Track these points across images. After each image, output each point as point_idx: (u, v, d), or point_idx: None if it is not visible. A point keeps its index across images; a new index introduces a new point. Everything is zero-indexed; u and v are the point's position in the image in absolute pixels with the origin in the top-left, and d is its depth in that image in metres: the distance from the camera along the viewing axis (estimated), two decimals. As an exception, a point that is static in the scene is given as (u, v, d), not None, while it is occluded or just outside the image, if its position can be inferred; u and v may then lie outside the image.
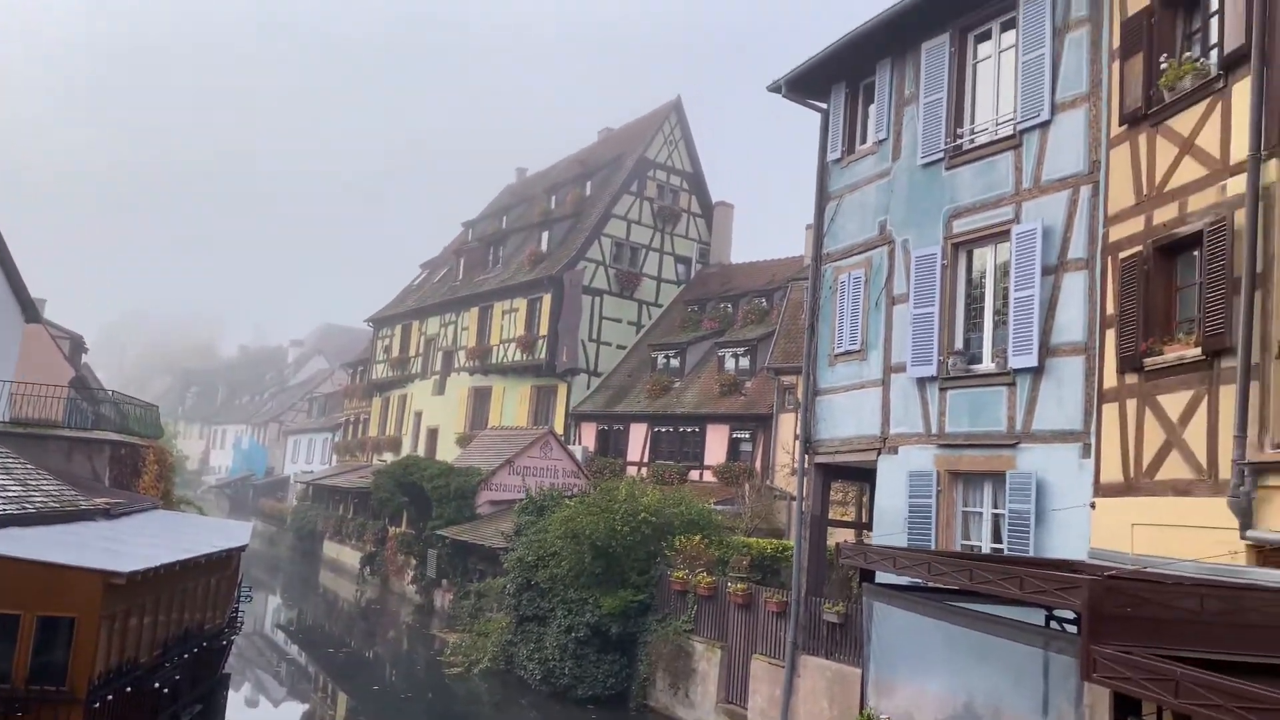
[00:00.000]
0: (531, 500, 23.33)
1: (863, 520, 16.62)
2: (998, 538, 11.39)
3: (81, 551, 11.23)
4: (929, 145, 13.08)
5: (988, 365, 11.83)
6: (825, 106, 15.51)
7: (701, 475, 27.96)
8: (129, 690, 11.05)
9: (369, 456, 45.97)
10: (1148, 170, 9.70)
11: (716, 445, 28.12)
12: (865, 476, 14.86)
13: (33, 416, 20.34)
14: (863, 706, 9.07)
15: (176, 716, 13.04)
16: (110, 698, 10.54)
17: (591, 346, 34.93)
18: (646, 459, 30.20)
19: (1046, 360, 10.94)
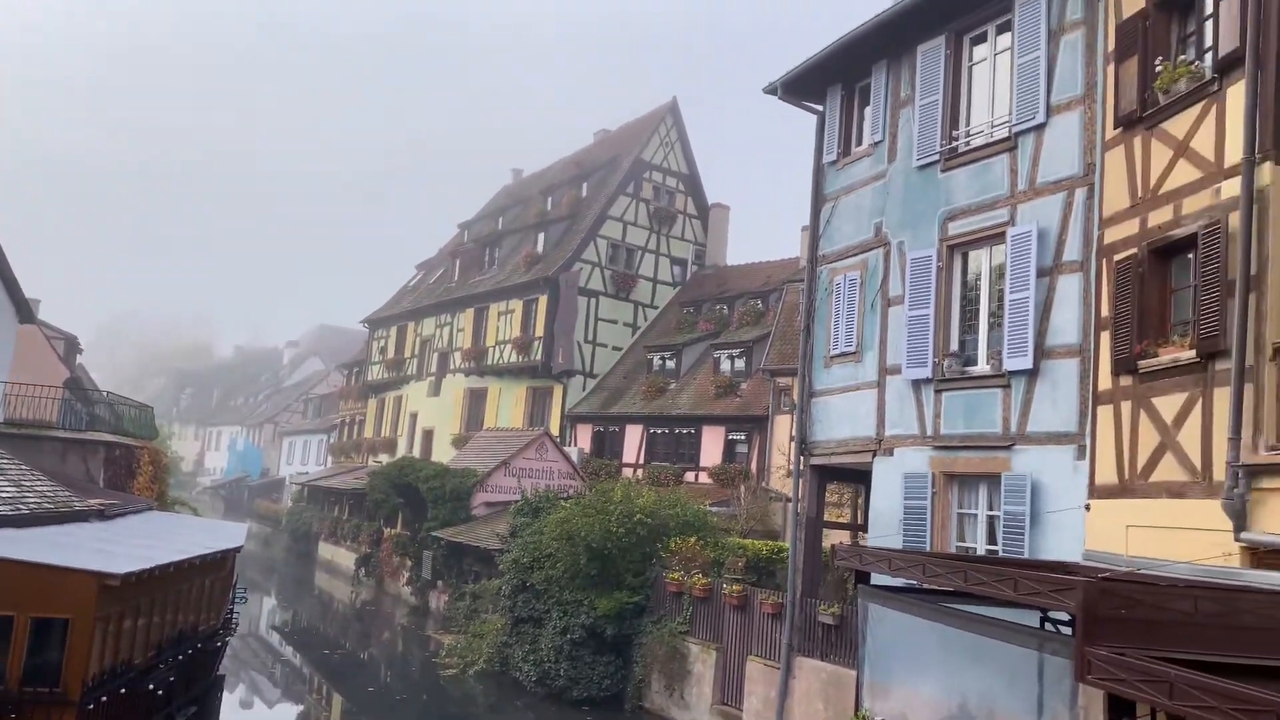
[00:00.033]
0: (527, 502, 23.32)
1: (858, 522, 16.64)
2: (993, 539, 11.41)
3: (76, 552, 11.20)
4: (925, 147, 13.10)
5: (983, 367, 11.85)
6: (821, 108, 15.53)
7: (697, 477, 27.96)
8: (123, 692, 11.02)
9: (364, 458, 45.91)
10: (1142, 173, 9.72)
11: (712, 447, 28.14)
12: (860, 478, 14.87)
13: (27, 417, 20.30)
14: (858, 708, 9.07)
15: (171, 718, 13.00)
16: (104, 699, 10.51)
17: (587, 348, 34.93)
18: (642, 461, 30.20)
19: (1041, 362, 10.97)
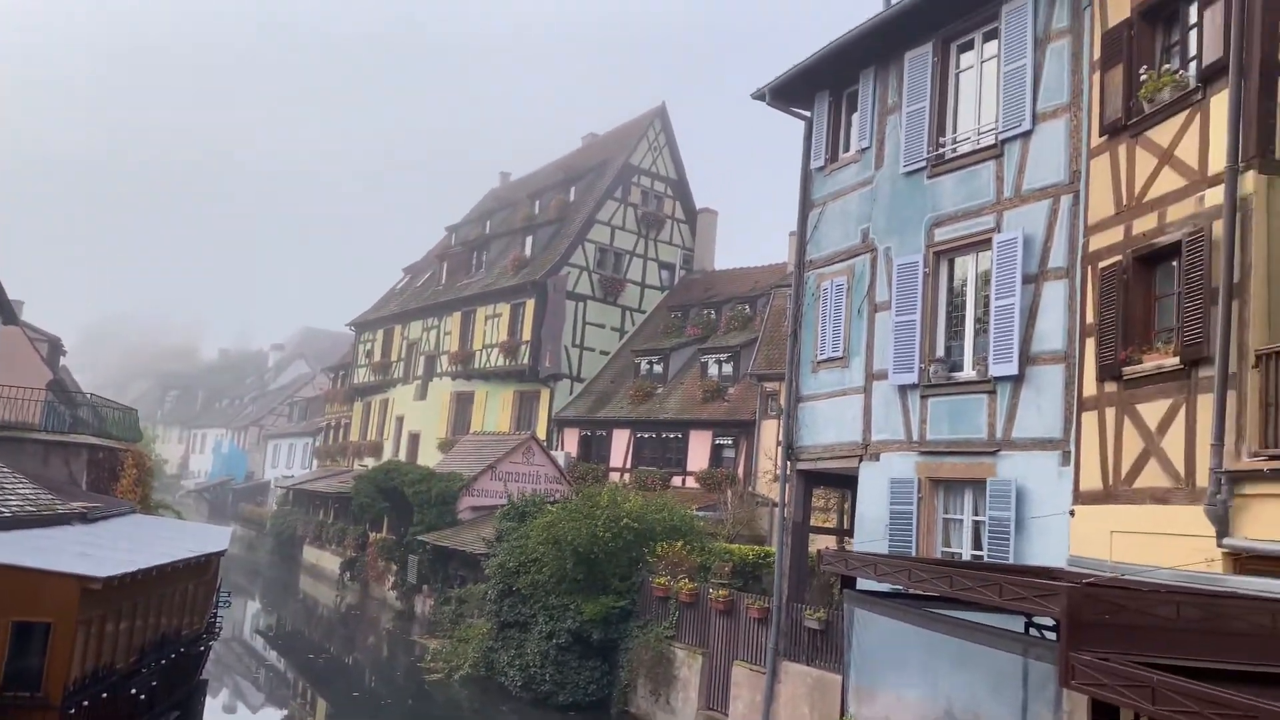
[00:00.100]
0: (513, 506, 23.26)
1: (844, 527, 16.68)
2: (978, 545, 11.44)
3: (57, 556, 11.11)
4: (911, 154, 13.15)
5: (969, 373, 11.89)
6: (809, 114, 15.57)
7: (684, 481, 27.97)
8: (105, 696, 10.95)
9: (350, 461, 45.73)
10: (1127, 180, 9.79)
11: (699, 451, 28.15)
12: (847, 483, 14.90)
13: (9, 419, 20.13)
14: (843, 713, 9.09)
15: (153, 723, 12.91)
16: (86, 704, 10.44)
17: (574, 352, 34.91)
18: (629, 465, 30.19)
19: (1027, 368, 11.01)
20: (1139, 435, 9.13)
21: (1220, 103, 8.61)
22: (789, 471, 15.04)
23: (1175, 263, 9.05)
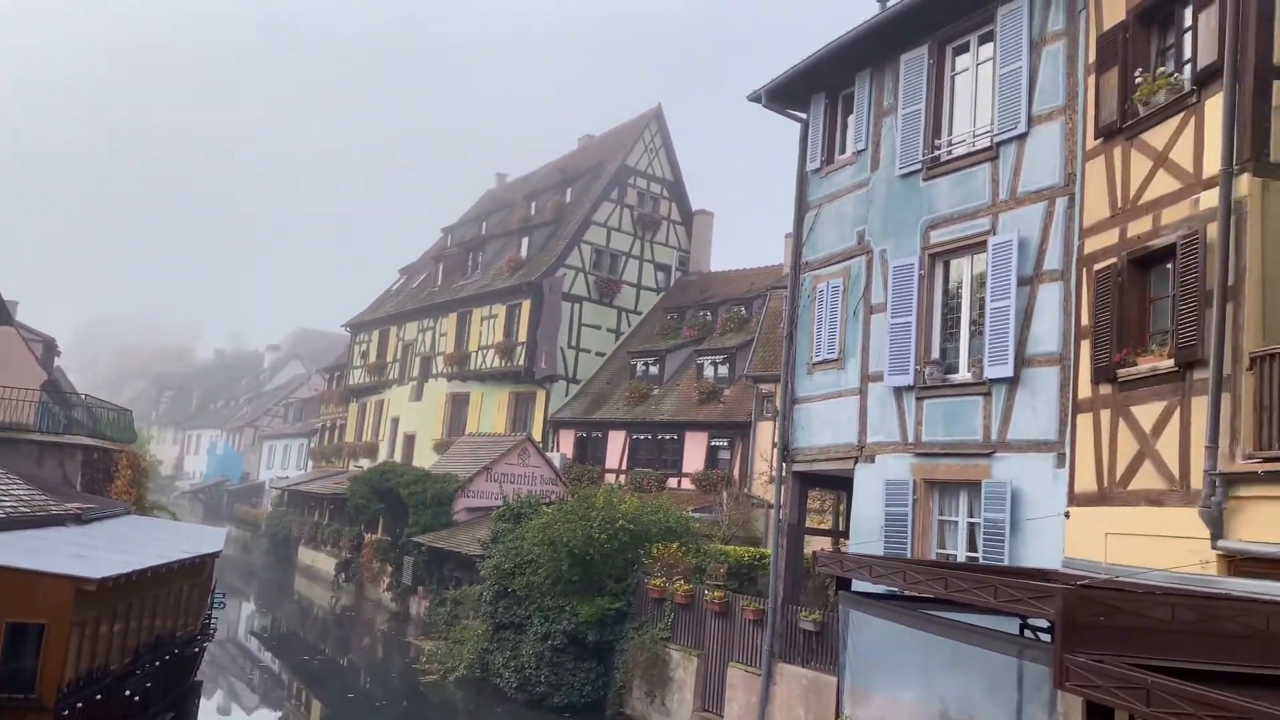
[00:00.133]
0: (509, 507, 23.23)
1: (840, 528, 16.70)
2: (973, 546, 11.46)
3: (52, 557, 11.09)
4: (907, 156, 13.17)
5: (964, 375, 11.91)
6: (805, 116, 15.60)
7: (680, 483, 27.96)
8: (99, 698, 10.93)
9: (345, 462, 45.67)
10: (1122, 183, 9.81)
11: (695, 453, 28.15)
12: (842, 485, 14.91)
13: (3, 420, 20.09)
14: (838, 714, 9.10)
15: (147, 725, 12.89)
16: (80, 705, 10.42)
17: (570, 353, 34.89)
18: (625, 466, 30.17)
19: (1022, 370, 11.03)
20: (1134, 437, 9.15)
21: (1215, 106, 8.64)
22: (784, 473, 15.05)
23: (1170, 265, 9.07)
